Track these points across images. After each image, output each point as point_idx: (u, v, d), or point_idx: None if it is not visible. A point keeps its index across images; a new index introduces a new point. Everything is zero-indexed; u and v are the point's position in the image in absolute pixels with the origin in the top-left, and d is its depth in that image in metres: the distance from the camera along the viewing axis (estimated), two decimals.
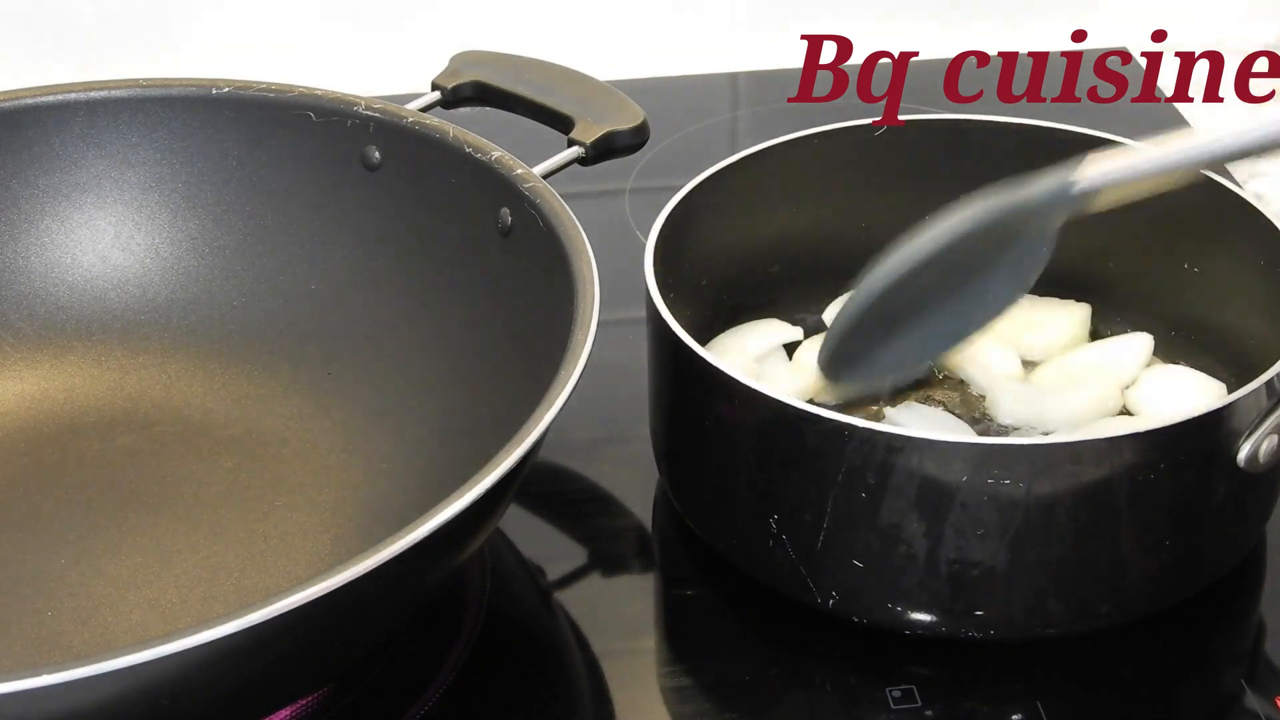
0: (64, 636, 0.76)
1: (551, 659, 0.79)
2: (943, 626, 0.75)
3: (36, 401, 0.89)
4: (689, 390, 0.78)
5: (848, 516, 0.73)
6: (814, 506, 0.73)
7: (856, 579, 0.74)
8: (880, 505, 0.72)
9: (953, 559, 0.72)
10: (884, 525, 0.72)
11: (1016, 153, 0.88)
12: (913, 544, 0.72)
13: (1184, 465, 0.72)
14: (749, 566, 0.79)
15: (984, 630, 0.74)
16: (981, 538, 0.72)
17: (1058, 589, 0.74)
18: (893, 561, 0.73)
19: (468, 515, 0.64)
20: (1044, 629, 0.75)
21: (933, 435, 0.71)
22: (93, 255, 0.91)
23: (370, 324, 0.88)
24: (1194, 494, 0.74)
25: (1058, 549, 0.72)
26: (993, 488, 0.70)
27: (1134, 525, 0.73)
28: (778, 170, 0.88)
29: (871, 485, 0.72)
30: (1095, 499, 0.71)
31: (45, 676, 0.57)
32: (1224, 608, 0.79)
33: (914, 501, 0.71)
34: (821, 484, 0.73)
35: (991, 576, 0.73)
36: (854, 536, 0.73)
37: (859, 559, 0.74)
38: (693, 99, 1.21)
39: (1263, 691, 0.75)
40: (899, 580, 0.74)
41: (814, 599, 0.76)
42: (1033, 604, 0.74)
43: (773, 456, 0.74)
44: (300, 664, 0.67)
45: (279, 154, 0.90)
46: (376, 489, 0.83)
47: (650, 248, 0.81)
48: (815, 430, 0.72)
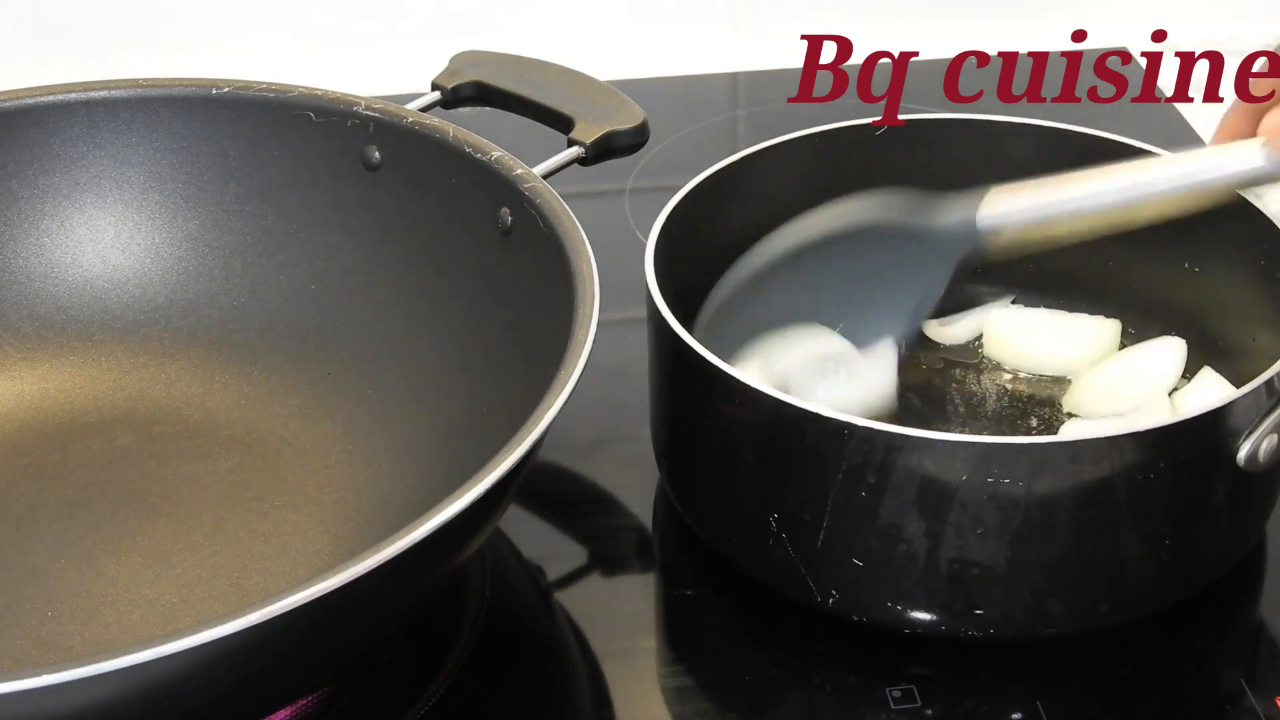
0: (64, 636, 0.76)
1: (551, 659, 0.79)
2: (942, 625, 0.75)
3: (36, 401, 0.89)
4: (689, 389, 0.78)
5: (848, 515, 0.73)
6: (814, 505, 0.73)
7: (856, 578, 0.74)
8: (880, 504, 0.72)
9: (953, 558, 0.72)
10: (884, 524, 0.72)
11: (1018, 151, 0.88)
12: (913, 543, 0.72)
13: (1184, 465, 0.72)
14: (749, 566, 0.79)
15: (984, 629, 0.74)
16: (981, 536, 0.72)
17: (1057, 588, 0.74)
18: (893, 560, 0.73)
19: (468, 515, 0.64)
20: (1043, 628, 0.75)
21: (933, 434, 0.71)
22: (93, 255, 0.91)
23: (370, 324, 0.88)
24: (1194, 493, 0.74)
25: (1057, 548, 0.73)
26: (993, 487, 0.70)
27: (1134, 524, 0.73)
28: (778, 169, 0.88)
29: (872, 484, 0.72)
30: (1095, 498, 0.71)
31: (45, 676, 0.57)
32: (1224, 608, 0.79)
33: (914, 500, 0.71)
34: (821, 483, 0.73)
35: (991, 575, 0.73)
36: (854, 535, 0.73)
37: (859, 558, 0.74)
38: (693, 99, 1.21)
39: (1263, 691, 0.75)
40: (899, 579, 0.74)
41: (814, 598, 0.76)
42: (1032, 603, 0.74)
43: (773, 455, 0.74)
44: (300, 664, 0.67)
45: (279, 154, 0.90)
46: (376, 489, 0.83)
47: (650, 248, 0.81)
48: (816, 429, 0.72)
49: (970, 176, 0.81)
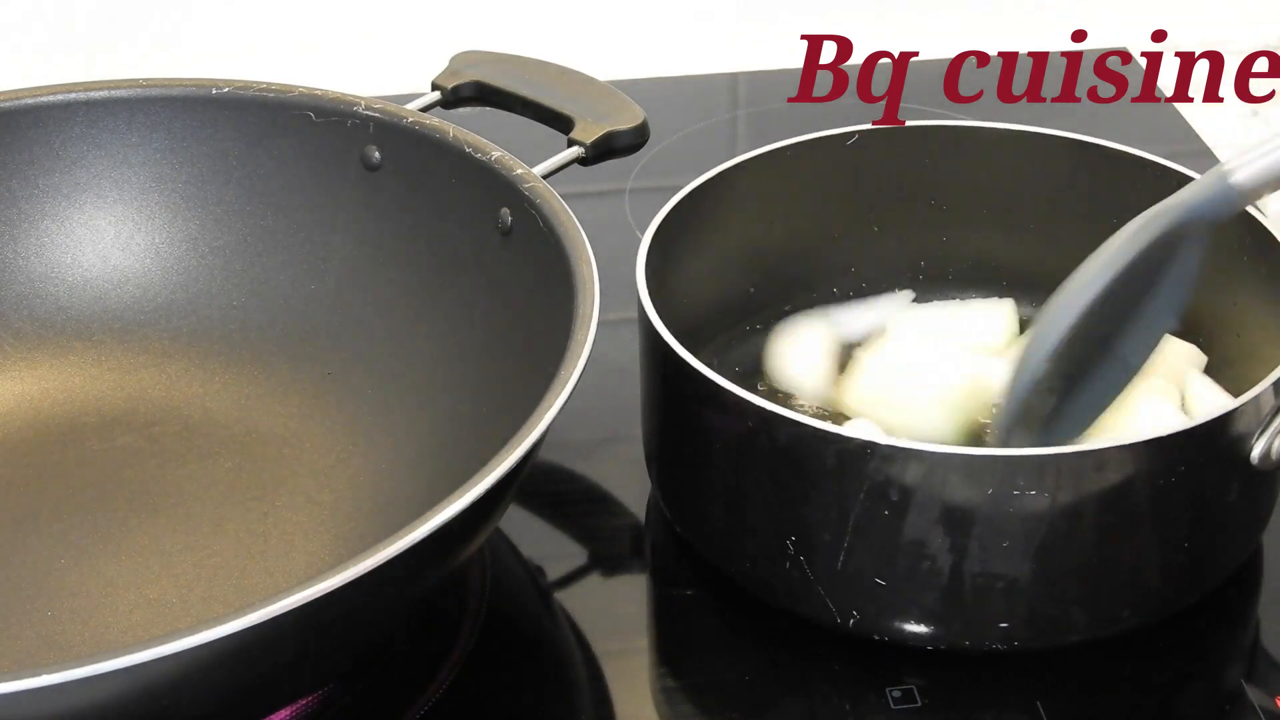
0: (64, 636, 0.76)
1: (551, 659, 0.79)
2: (966, 640, 0.74)
3: (36, 401, 0.89)
4: (688, 411, 0.77)
5: (870, 534, 0.72)
6: (834, 526, 0.72)
7: (878, 597, 0.74)
8: (904, 522, 0.71)
9: (977, 572, 0.72)
10: (907, 542, 0.72)
11: (1017, 157, 0.88)
12: (937, 559, 0.72)
13: (1203, 466, 0.73)
14: (762, 589, 0.77)
15: (1008, 642, 0.74)
16: (1006, 550, 0.71)
17: (1081, 596, 0.73)
18: (916, 577, 0.72)
19: (468, 515, 0.64)
20: (1067, 637, 0.75)
21: (958, 450, 0.71)
22: (93, 255, 0.91)
23: (370, 324, 0.88)
24: (1211, 494, 0.74)
25: (1081, 557, 0.72)
26: (1018, 499, 0.70)
27: (1154, 528, 0.73)
28: (773, 176, 0.88)
29: (895, 502, 0.71)
30: (1118, 504, 0.71)
31: (45, 676, 0.57)
32: (1224, 608, 0.79)
33: (939, 516, 0.71)
34: (843, 503, 0.72)
35: (1016, 588, 0.72)
36: (876, 554, 0.72)
37: (881, 577, 0.73)
38: (693, 99, 1.21)
39: (1263, 691, 0.75)
40: (922, 596, 0.73)
41: (833, 619, 0.75)
42: (1056, 613, 0.74)
43: (791, 477, 0.73)
44: (300, 664, 0.67)
45: (279, 154, 0.90)
46: (376, 489, 0.83)
47: (641, 260, 0.80)
48: (836, 449, 0.71)
49: (969, 183, 0.80)
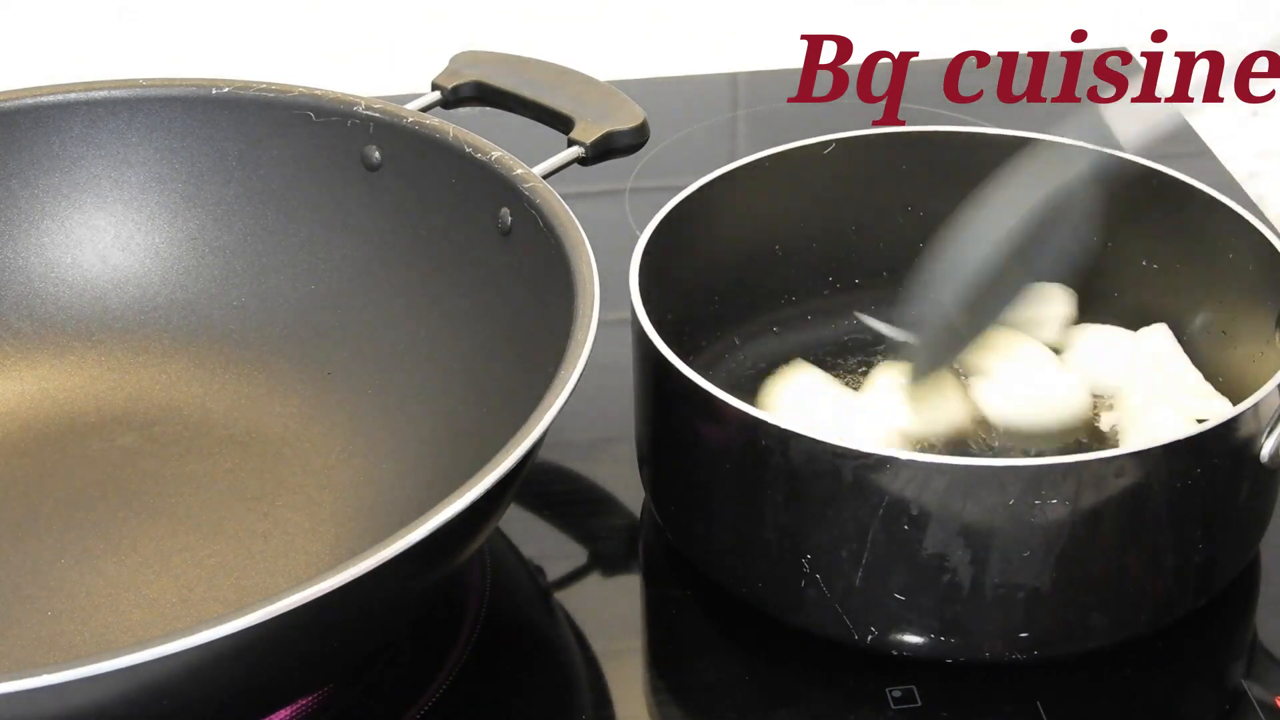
0: (64, 636, 0.76)
1: (551, 659, 0.79)
2: (986, 652, 0.74)
3: (36, 401, 0.89)
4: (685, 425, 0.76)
5: (889, 550, 0.71)
6: (852, 543, 0.72)
7: (897, 613, 0.73)
8: (924, 536, 0.71)
9: (997, 583, 0.71)
10: (927, 555, 0.71)
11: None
12: (956, 572, 0.71)
13: (1217, 467, 0.73)
14: (775, 608, 0.76)
15: (1028, 652, 0.74)
16: (1027, 559, 0.71)
17: (1100, 603, 0.73)
18: (936, 591, 0.72)
19: (468, 515, 0.64)
20: (1087, 643, 0.74)
21: (980, 461, 0.71)
22: (93, 255, 0.91)
23: (370, 324, 0.88)
24: (1225, 494, 0.74)
25: (1101, 563, 0.72)
26: (1040, 508, 0.70)
27: (1172, 530, 0.73)
28: (769, 180, 0.87)
29: (914, 516, 0.70)
30: (1137, 509, 0.71)
31: (45, 676, 0.57)
32: (1223, 608, 0.79)
33: (959, 529, 0.70)
34: (860, 519, 0.71)
35: (1037, 597, 0.72)
36: (895, 570, 0.72)
37: (900, 592, 0.72)
38: (693, 99, 1.21)
39: (1263, 691, 0.75)
40: (942, 610, 0.73)
41: (850, 636, 0.74)
42: (1076, 620, 0.73)
43: (806, 494, 0.72)
44: (300, 664, 0.67)
45: (279, 154, 0.90)
46: (376, 489, 0.83)
47: (635, 267, 0.80)
48: (854, 465, 0.70)
49: (969, 185, 0.80)
